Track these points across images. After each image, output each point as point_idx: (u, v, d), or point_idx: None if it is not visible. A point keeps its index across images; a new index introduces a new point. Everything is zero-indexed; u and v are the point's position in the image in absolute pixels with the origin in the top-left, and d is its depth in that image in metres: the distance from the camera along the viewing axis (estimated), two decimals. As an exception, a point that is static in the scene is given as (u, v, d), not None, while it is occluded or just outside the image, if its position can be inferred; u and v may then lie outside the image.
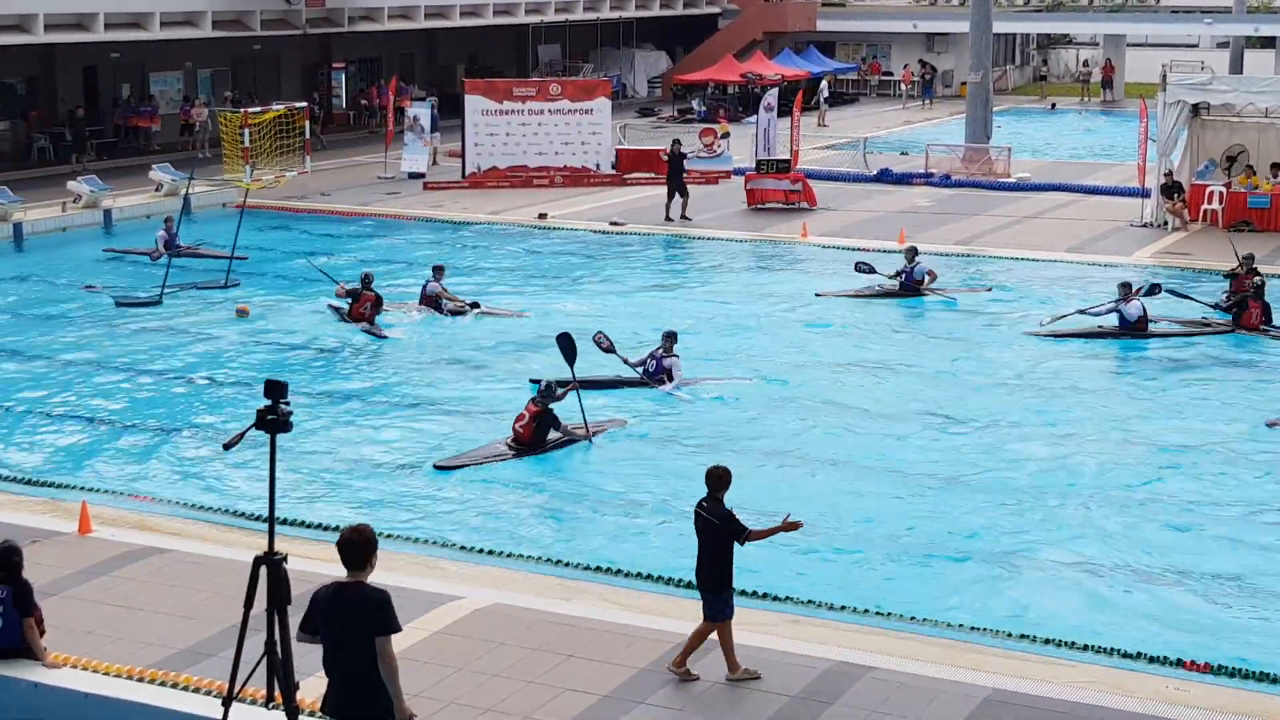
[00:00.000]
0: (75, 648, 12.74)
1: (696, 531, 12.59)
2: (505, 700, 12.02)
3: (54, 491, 17.69)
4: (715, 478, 12.54)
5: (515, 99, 42.60)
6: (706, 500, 12.51)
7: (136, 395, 22.48)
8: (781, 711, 11.93)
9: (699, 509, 12.54)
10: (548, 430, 19.63)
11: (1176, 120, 35.18)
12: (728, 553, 12.42)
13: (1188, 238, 34.17)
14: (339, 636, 9.43)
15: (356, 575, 9.50)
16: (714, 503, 12.46)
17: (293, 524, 16.40)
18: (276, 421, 9.63)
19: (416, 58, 61.09)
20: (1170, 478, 18.90)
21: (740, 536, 12.36)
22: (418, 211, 38.06)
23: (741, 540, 12.38)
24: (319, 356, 24.61)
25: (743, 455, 19.32)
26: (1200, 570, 15.79)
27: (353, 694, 9.43)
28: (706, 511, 12.46)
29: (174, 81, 51.30)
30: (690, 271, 31.89)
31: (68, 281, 30.32)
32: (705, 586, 12.52)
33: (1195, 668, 13.17)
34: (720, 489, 12.49)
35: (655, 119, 59.71)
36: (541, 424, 19.56)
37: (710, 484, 12.52)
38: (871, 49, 72.67)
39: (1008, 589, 15.40)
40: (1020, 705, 12.05)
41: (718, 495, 12.48)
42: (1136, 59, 70.59)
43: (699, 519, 12.53)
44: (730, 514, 12.40)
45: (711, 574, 12.45)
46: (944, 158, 44.95)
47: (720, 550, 12.40)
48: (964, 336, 26.00)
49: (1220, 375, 23.67)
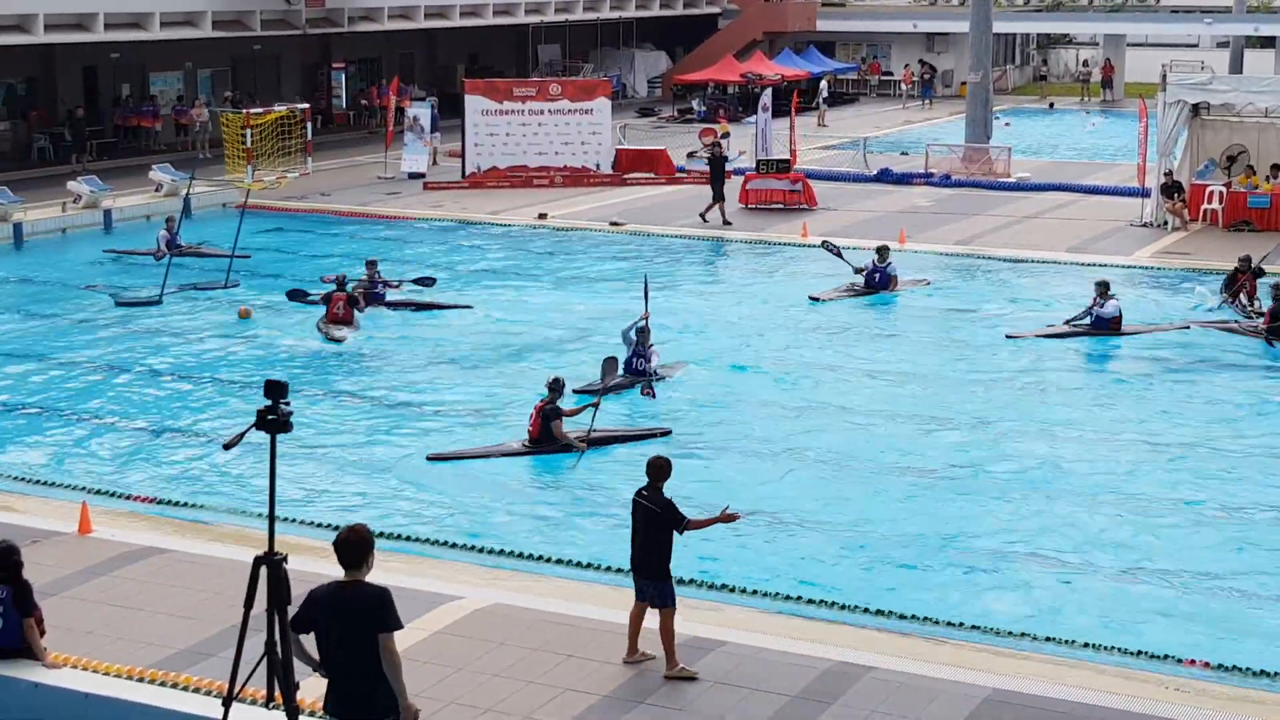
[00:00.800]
0: (75, 648, 12.74)
1: (634, 519, 12.80)
2: (505, 700, 12.02)
3: (54, 491, 17.69)
4: (656, 468, 12.76)
5: (515, 99, 42.62)
6: (647, 489, 12.72)
7: (137, 395, 22.48)
8: (782, 711, 11.93)
9: (639, 497, 12.74)
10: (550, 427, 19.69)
11: (1176, 120, 35.18)
12: (668, 541, 12.64)
13: (1188, 237, 34.16)
14: (339, 635, 9.42)
15: (354, 574, 9.50)
16: (654, 491, 12.67)
17: (293, 522, 16.40)
18: (277, 422, 9.62)
19: (416, 58, 61.09)
20: (1169, 476, 18.90)
21: (679, 525, 12.59)
22: (418, 211, 38.05)
23: (680, 529, 12.61)
24: (319, 356, 24.60)
25: (747, 456, 19.35)
26: (1202, 568, 15.80)
27: (353, 692, 9.43)
28: (647, 500, 12.67)
29: (174, 81, 51.31)
30: (689, 270, 31.88)
31: (68, 282, 30.31)
32: (645, 574, 12.71)
33: (1197, 665, 13.19)
34: (661, 479, 12.70)
35: (655, 119, 59.73)
36: (546, 421, 19.60)
37: (651, 474, 12.74)
38: (871, 49, 72.67)
39: (1007, 588, 15.40)
40: (1021, 705, 12.04)
41: (658, 484, 12.69)
42: (1136, 59, 70.60)
43: (639, 507, 12.72)
44: (670, 503, 12.63)
45: (652, 561, 12.66)
46: (944, 158, 44.96)
47: (661, 538, 12.62)
48: (960, 338, 26.01)
49: (1214, 373, 23.69)
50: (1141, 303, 27.83)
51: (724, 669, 12.61)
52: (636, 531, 12.80)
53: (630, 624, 12.86)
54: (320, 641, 9.52)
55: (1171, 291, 29.30)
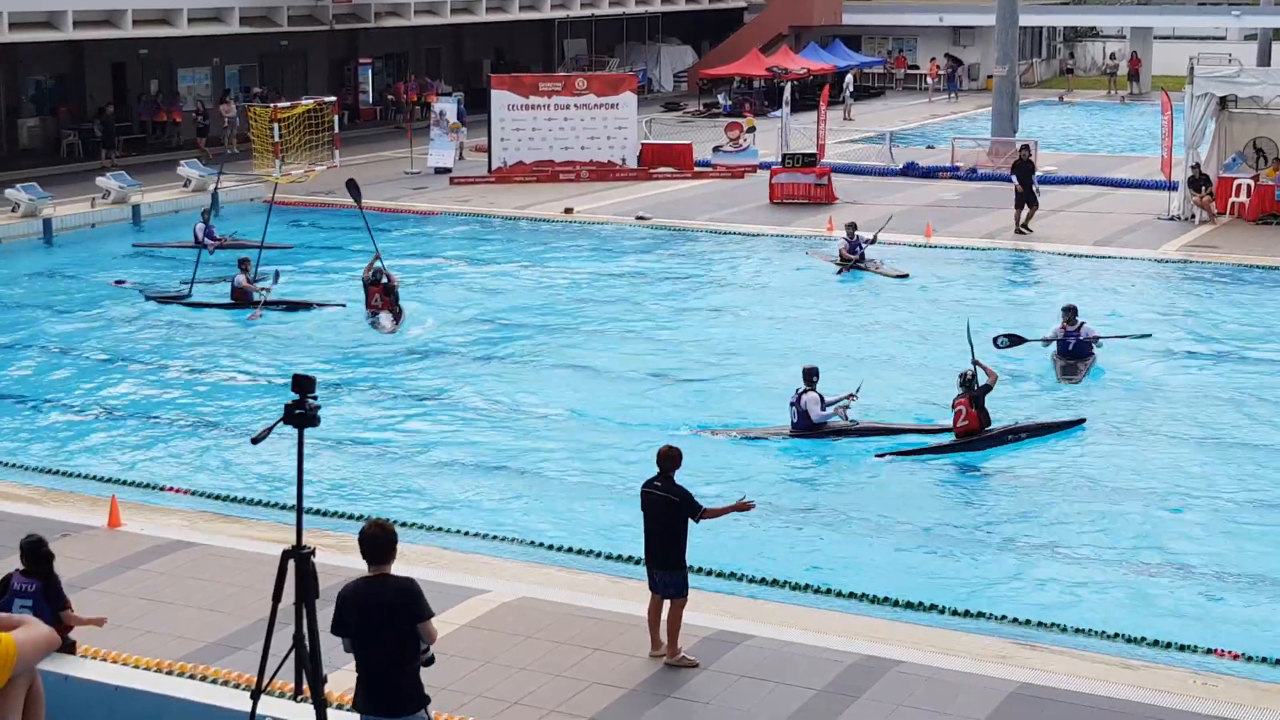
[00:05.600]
0: (104, 641, 12.81)
1: (645, 511, 12.73)
2: (532, 694, 12.05)
3: (83, 485, 17.79)
4: (668, 457, 12.68)
5: (541, 94, 42.64)
6: (658, 479, 12.63)
7: (166, 390, 22.59)
8: (808, 705, 11.93)
9: (651, 488, 12.65)
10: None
11: (1204, 113, 35.02)
12: (684, 531, 12.59)
13: (1215, 231, 34.02)
14: (369, 631, 9.45)
15: (380, 569, 9.52)
16: (666, 481, 12.58)
17: (321, 514, 16.46)
18: (305, 416, 9.64)
19: (443, 53, 61.18)
20: (1199, 470, 18.85)
21: (696, 513, 12.54)
22: (444, 206, 38.12)
23: (697, 517, 12.57)
24: (347, 350, 24.67)
25: (750, 448, 19.35)
26: (1228, 563, 15.76)
27: (383, 687, 9.45)
28: (661, 490, 12.57)
29: (202, 78, 51.51)
30: (713, 267, 31.88)
31: (96, 276, 30.46)
32: (660, 564, 12.66)
33: (1226, 656, 13.15)
34: (672, 468, 12.63)
35: (681, 114, 59.70)
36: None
37: (662, 463, 12.65)
38: (897, 43, 72.49)
39: (1034, 582, 15.39)
40: (1048, 699, 12.03)
41: (669, 474, 12.61)
42: (1163, 51, 70.26)
43: (652, 498, 12.64)
44: (686, 491, 12.58)
45: (670, 552, 12.60)
46: (970, 151, 44.83)
47: (677, 528, 12.57)
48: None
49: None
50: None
51: (751, 663, 12.61)
52: (651, 523, 12.71)
53: (650, 618, 12.83)
54: (351, 639, 9.54)
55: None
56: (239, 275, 27.45)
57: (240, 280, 27.35)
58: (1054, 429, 20.36)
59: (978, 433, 19.69)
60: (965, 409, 19.73)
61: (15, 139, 46.17)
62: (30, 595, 11.81)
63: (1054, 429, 20.36)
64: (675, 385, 22.52)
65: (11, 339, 25.56)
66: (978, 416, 19.71)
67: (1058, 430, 20.32)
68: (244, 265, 27.58)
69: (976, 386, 19.83)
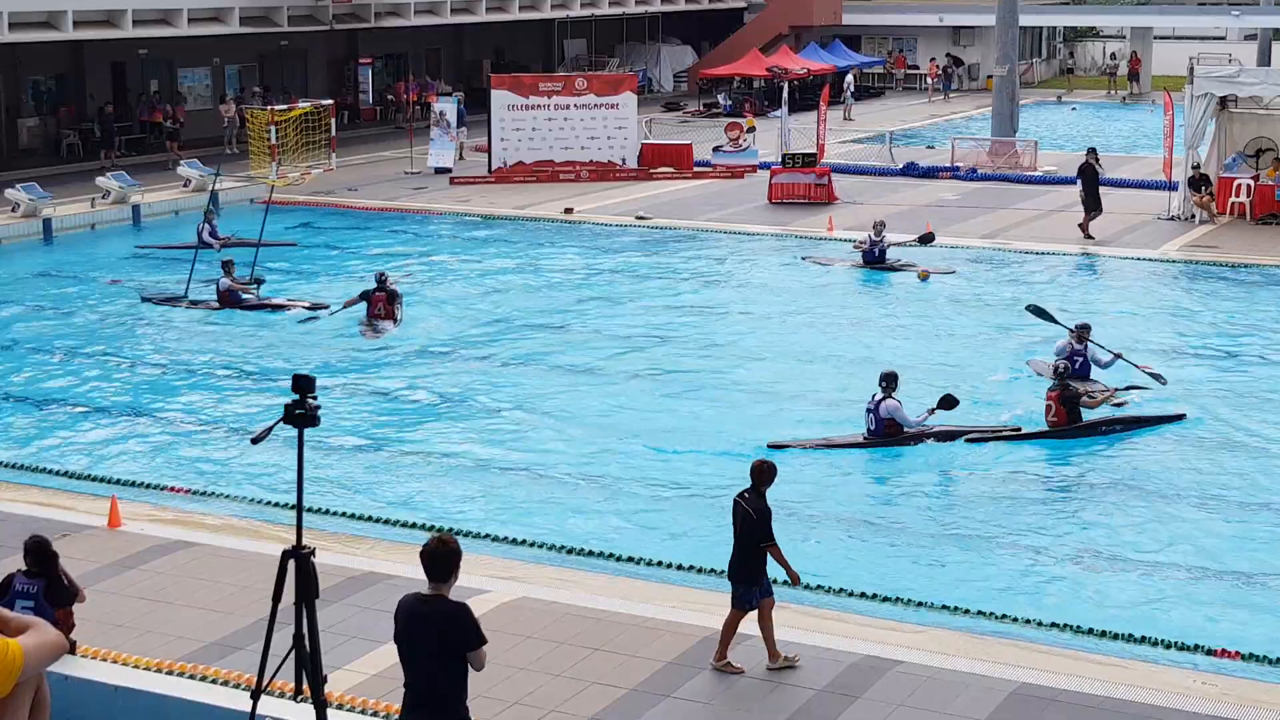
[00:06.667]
0: (105, 641, 12.82)
1: (733, 522, 12.54)
2: (532, 694, 12.04)
3: (84, 485, 17.79)
4: (757, 470, 12.45)
5: (541, 94, 42.64)
6: (749, 492, 12.45)
7: (165, 390, 22.59)
8: (809, 704, 11.93)
9: (740, 498, 12.48)
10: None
11: (1204, 113, 35.02)
12: (758, 547, 12.39)
13: (1215, 231, 34.02)
14: (414, 649, 9.33)
15: (438, 587, 9.31)
16: (756, 496, 12.38)
17: (321, 513, 16.46)
18: (305, 416, 9.64)
19: (443, 53, 61.18)
20: (1199, 470, 18.85)
21: (765, 539, 12.32)
22: (444, 206, 38.12)
23: (763, 546, 12.32)
24: (348, 350, 24.66)
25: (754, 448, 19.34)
26: (1228, 562, 15.76)
27: (426, 706, 9.38)
28: (747, 503, 12.39)
29: (202, 78, 51.52)
30: (713, 267, 31.88)
31: (96, 277, 30.46)
32: (737, 578, 12.48)
33: (1229, 656, 13.15)
34: (764, 483, 12.40)
35: (681, 114, 59.70)
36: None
37: (754, 477, 12.44)
38: (897, 43, 72.49)
39: (1034, 582, 15.38)
40: (1048, 699, 12.03)
41: (760, 489, 12.40)
42: (1164, 52, 70.27)
43: (737, 509, 12.46)
44: (768, 513, 12.34)
45: (745, 565, 12.40)
46: (970, 151, 44.84)
47: (751, 544, 12.37)
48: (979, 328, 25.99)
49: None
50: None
51: (751, 663, 12.59)
52: (735, 534, 12.53)
53: (724, 629, 12.57)
54: (400, 650, 9.49)
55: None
56: (224, 278, 27.41)
57: (226, 283, 27.32)
58: (1152, 423, 20.32)
59: (1065, 428, 19.74)
60: (1055, 405, 19.77)
61: (15, 139, 46.16)
62: (32, 596, 11.80)
63: (1152, 423, 20.32)
64: (673, 384, 22.51)
65: (12, 339, 25.54)
66: (1066, 414, 19.73)
67: (1155, 424, 20.28)
68: (228, 268, 27.57)
69: (1070, 388, 19.82)
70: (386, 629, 12.69)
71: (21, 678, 5.41)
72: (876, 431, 19.44)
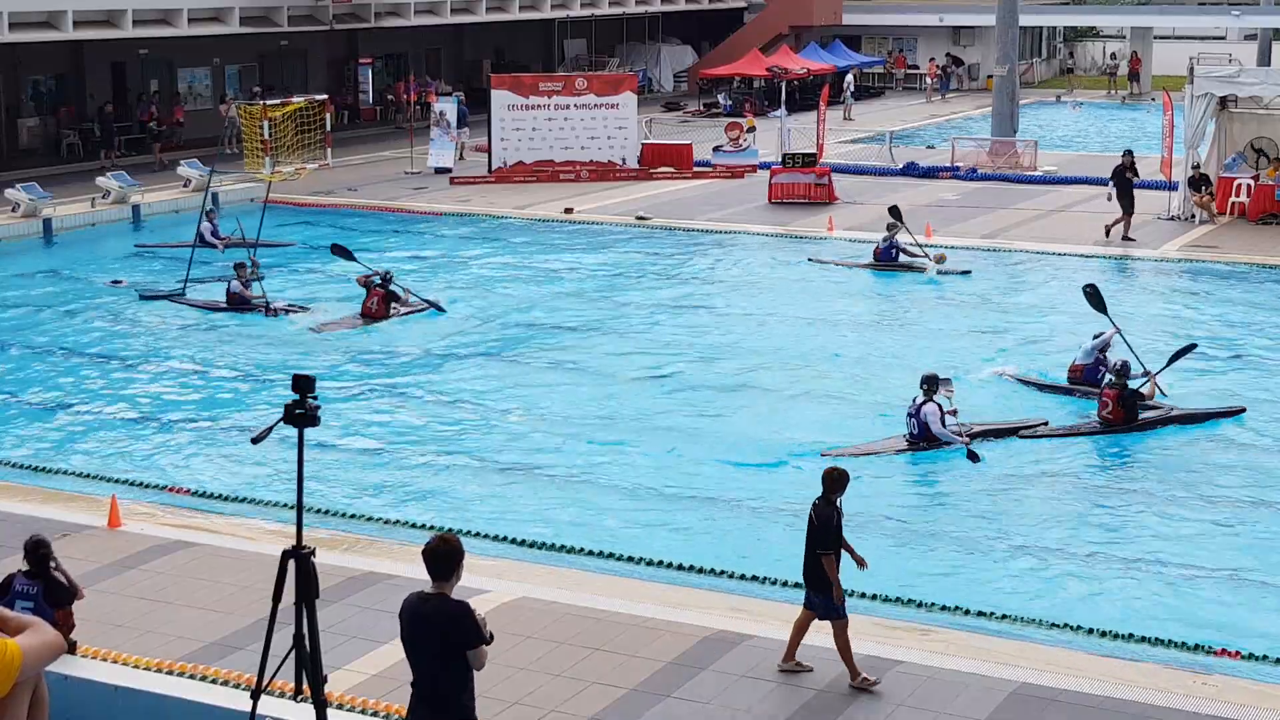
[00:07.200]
0: (105, 641, 12.81)
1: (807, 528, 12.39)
2: (532, 694, 12.04)
3: (83, 485, 17.79)
4: (825, 477, 12.28)
5: (541, 94, 42.64)
6: (820, 498, 12.27)
7: (166, 389, 22.58)
8: (809, 704, 11.93)
9: (812, 506, 12.31)
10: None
11: (1204, 113, 35.02)
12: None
13: (1215, 231, 34.02)
14: (418, 648, 9.35)
15: (440, 586, 9.30)
16: (825, 504, 12.21)
17: (322, 513, 16.47)
18: (305, 416, 9.64)
19: (443, 53, 61.18)
20: (1199, 470, 18.85)
21: (822, 548, 12.11)
22: (444, 206, 38.12)
23: (821, 554, 12.10)
24: (348, 350, 24.66)
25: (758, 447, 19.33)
26: (1228, 562, 15.76)
27: (430, 704, 9.37)
28: (814, 510, 12.25)
29: (202, 77, 51.53)
30: (716, 267, 31.89)
31: (96, 276, 30.47)
32: (806, 581, 12.40)
33: (1228, 656, 13.15)
34: (833, 491, 12.20)
35: (681, 114, 59.70)
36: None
37: (824, 484, 12.25)
38: (897, 43, 72.50)
39: (1035, 582, 15.37)
40: (1048, 699, 12.03)
41: (830, 497, 12.21)
42: (1164, 51, 70.29)
43: (808, 515, 12.33)
44: (830, 522, 12.13)
45: (812, 571, 12.28)
46: (970, 151, 44.84)
47: (815, 549, 12.22)
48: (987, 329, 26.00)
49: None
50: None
51: (751, 663, 12.60)
52: (806, 542, 12.40)
53: (793, 630, 12.51)
54: (405, 649, 9.49)
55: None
56: (235, 281, 27.34)
57: (237, 286, 27.28)
58: (1211, 417, 20.36)
59: (1121, 425, 19.77)
60: (1112, 403, 19.77)
61: (15, 139, 46.17)
62: (31, 597, 11.82)
63: (1211, 417, 20.36)
64: (674, 384, 22.51)
65: (12, 339, 25.54)
66: (1123, 414, 19.74)
67: (1215, 419, 20.34)
68: (240, 270, 27.47)
69: (1129, 388, 19.82)
70: (386, 629, 12.76)
71: (20, 677, 5.41)
72: (919, 436, 19.17)
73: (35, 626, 5.60)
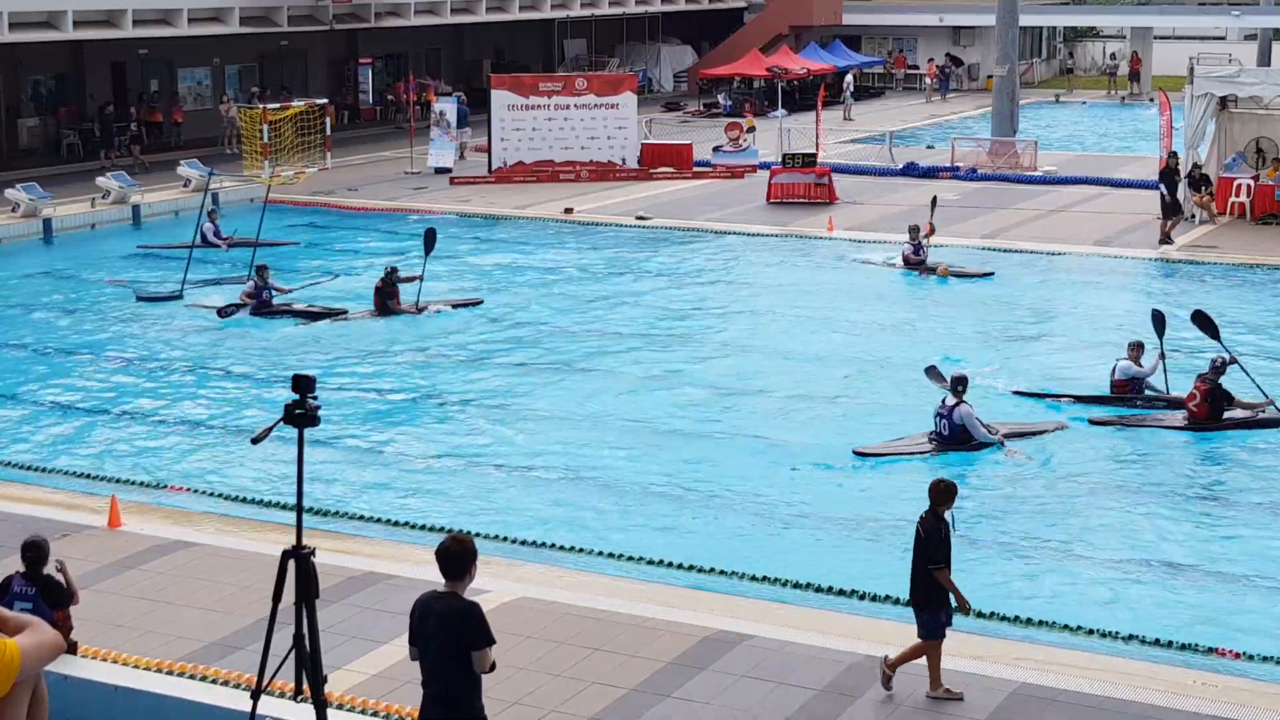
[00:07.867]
0: (104, 641, 12.82)
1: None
2: (531, 694, 12.04)
3: (83, 485, 17.79)
4: (933, 490, 11.90)
5: (541, 94, 42.64)
6: (926, 512, 11.86)
7: (166, 390, 22.58)
8: (806, 706, 11.93)
9: (919, 520, 11.89)
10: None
11: (1204, 113, 35.02)
12: (926, 569, 11.82)
13: (1215, 231, 34.01)
14: (427, 647, 9.33)
15: (453, 585, 9.29)
16: (932, 518, 11.80)
17: (321, 514, 16.47)
18: (304, 416, 9.64)
19: (443, 53, 61.19)
20: (1200, 470, 18.85)
21: (932, 562, 11.70)
22: (445, 206, 38.12)
23: (932, 569, 11.72)
24: (349, 350, 24.66)
25: (751, 450, 19.33)
26: (1228, 562, 15.76)
27: (441, 703, 9.36)
28: (921, 524, 11.84)
29: (202, 77, 51.54)
30: (713, 267, 31.88)
31: (97, 276, 30.48)
32: (913, 603, 12.07)
33: (1227, 655, 13.15)
34: (941, 503, 11.81)
35: (681, 114, 59.71)
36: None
37: (931, 496, 11.88)
38: (897, 43, 72.50)
39: (1036, 582, 15.37)
40: (1048, 699, 12.02)
41: (937, 510, 11.82)
42: (1164, 52, 70.28)
43: (916, 529, 11.96)
44: (935, 532, 11.72)
45: (917, 589, 11.92)
46: (970, 151, 44.83)
47: (919, 565, 11.86)
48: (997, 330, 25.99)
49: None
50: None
51: (751, 663, 12.60)
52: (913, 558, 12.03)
53: (928, 662, 12.07)
54: (417, 649, 9.48)
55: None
56: (265, 290, 26.93)
57: (269, 294, 27.06)
58: None
59: (1203, 423, 19.72)
60: (1200, 397, 19.73)
61: (15, 139, 46.18)
62: (30, 599, 11.81)
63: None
64: (673, 384, 22.51)
65: (11, 339, 25.55)
66: (1208, 410, 19.70)
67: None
68: (262, 272, 27.01)
69: (1220, 386, 19.76)
70: (386, 629, 12.78)
71: (19, 677, 5.40)
72: (950, 437, 18.91)
73: (35, 626, 5.59)
